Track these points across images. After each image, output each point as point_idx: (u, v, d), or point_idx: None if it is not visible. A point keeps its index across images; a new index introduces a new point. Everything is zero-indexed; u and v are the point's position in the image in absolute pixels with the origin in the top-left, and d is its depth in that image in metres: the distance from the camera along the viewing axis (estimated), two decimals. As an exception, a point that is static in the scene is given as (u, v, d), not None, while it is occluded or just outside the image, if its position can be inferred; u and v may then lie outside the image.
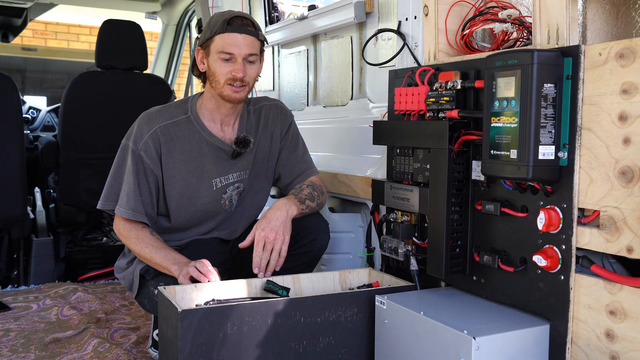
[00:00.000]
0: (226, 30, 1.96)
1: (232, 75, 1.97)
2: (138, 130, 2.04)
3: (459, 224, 1.72)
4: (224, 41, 1.96)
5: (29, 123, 4.57)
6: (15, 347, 2.32)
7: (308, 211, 2.10)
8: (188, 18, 4.78)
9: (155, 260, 1.97)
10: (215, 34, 1.97)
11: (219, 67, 1.98)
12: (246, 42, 1.97)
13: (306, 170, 2.25)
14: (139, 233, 2.03)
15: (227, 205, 2.15)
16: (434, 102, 1.75)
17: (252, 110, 2.19)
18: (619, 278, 1.34)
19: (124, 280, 2.18)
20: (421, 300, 1.71)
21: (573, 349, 1.44)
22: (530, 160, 1.41)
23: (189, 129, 2.06)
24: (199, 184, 2.08)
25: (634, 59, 1.28)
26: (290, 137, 2.24)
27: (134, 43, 3.61)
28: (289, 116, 2.27)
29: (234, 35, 1.96)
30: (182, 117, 2.07)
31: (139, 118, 2.09)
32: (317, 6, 2.96)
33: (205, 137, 2.07)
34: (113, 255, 3.59)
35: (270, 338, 1.66)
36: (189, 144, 2.06)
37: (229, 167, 2.11)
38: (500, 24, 1.73)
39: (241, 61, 1.97)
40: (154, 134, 2.02)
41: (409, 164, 1.91)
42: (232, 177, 2.13)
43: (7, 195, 3.07)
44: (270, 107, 2.22)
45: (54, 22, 8.23)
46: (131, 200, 2.02)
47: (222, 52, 1.96)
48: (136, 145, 2.02)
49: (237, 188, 2.15)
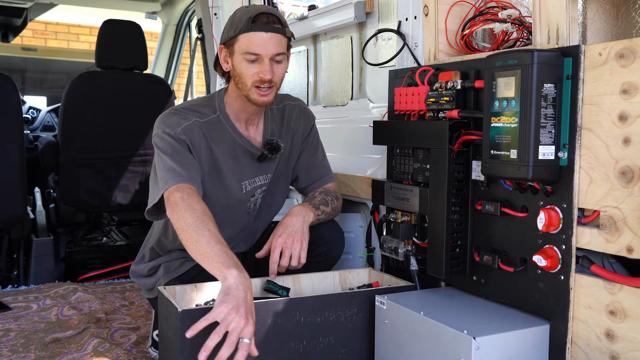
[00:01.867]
0: (251, 29, 1.81)
1: (260, 77, 1.84)
2: (172, 120, 1.88)
3: (459, 224, 1.72)
4: (249, 41, 1.82)
5: (29, 123, 4.57)
6: (15, 347, 2.31)
7: (324, 217, 2.03)
8: (188, 18, 4.78)
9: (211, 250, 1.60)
10: (240, 32, 1.83)
11: (245, 68, 1.85)
12: (273, 41, 1.83)
13: (324, 175, 2.18)
14: (206, 210, 1.72)
15: (251, 208, 2.07)
16: (434, 102, 1.75)
17: (275, 109, 2.10)
18: (619, 278, 1.34)
19: (144, 286, 2.13)
20: (421, 300, 1.71)
21: (573, 349, 1.44)
22: (530, 160, 1.41)
23: (221, 129, 1.96)
24: (232, 185, 1.99)
25: (634, 59, 1.28)
26: (311, 140, 2.17)
27: (134, 43, 3.61)
28: (312, 118, 2.18)
29: (259, 34, 1.82)
30: (212, 116, 1.96)
31: (167, 112, 1.93)
32: (317, 6, 2.96)
33: (236, 137, 1.97)
34: (113, 255, 3.61)
35: (270, 338, 1.66)
36: (221, 145, 1.95)
37: (256, 170, 2.03)
38: (500, 24, 1.73)
39: (268, 62, 1.84)
40: (193, 126, 1.89)
41: (409, 164, 1.91)
42: (258, 179, 2.05)
43: (7, 195, 3.07)
44: (294, 108, 2.14)
45: (54, 22, 8.23)
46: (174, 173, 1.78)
47: (247, 52, 1.83)
48: (174, 130, 1.86)
49: (263, 192, 2.08)
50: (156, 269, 2.09)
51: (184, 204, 1.71)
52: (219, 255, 1.60)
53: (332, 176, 2.21)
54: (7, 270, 3.40)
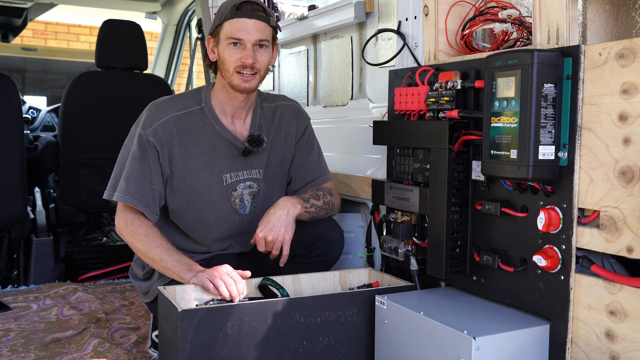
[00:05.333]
0: (235, 15, 1.88)
1: (242, 62, 1.89)
2: (148, 117, 1.96)
3: (459, 224, 1.72)
4: (232, 27, 1.88)
5: (29, 123, 4.57)
6: (15, 347, 2.31)
7: (314, 210, 2.02)
8: (188, 18, 4.78)
9: (166, 264, 1.84)
10: (224, 20, 1.90)
11: (228, 54, 1.90)
12: (256, 27, 1.89)
13: (318, 177, 2.16)
14: (149, 231, 1.90)
15: (237, 204, 2.05)
16: (434, 102, 1.75)
17: (266, 108, 2.10)
18: (619, 278, 1.34)
19: (140, 289, 2.13)
20: (421, 300, 1.71)
21: (573, 349, 1.44)
22: (530, 160, 1.41)
23: (202, 121, 1.99)
24: (210, 178, 2.00)
25: (634, 59, 1.28)
26: (305, 141, 2.16)
27: (134, 43, 3.61)
28: (306, 119, 2.18)
29: (243, 20, 1.88)
30: (195, 107, 1.99)
31: (149, 106, 2.01)
32: (317, 6, 2.96)
33: (219, 130, 1.99)
34: (113, 255, 3.60)
35: (270, 338, 1.66)
36: (201, 136, 1.98)
37: (240, 164, 2.04)
38: (500, 24, 1.73)
39: (251, 47, 1.89)
40: (166, 122, 1.94)
41: (409, 164, 1.91)
42: (242, 174, 2.04)
43: (7, 195, 3.07)
44: (286, 108, 2.14)
45: (54, 22, 8.23)
46: (131, 184, 1.90)
47: (230, 37, 1.89)
48: (145, 130, 1.93)
49: (249, 187, 2.06)
50: (151, 273, 2.08)
51: (128, 232, 1.93)
52: (173, 266, 1.84)
53: (329, 177, 2.20)
54: (7, 270, 3.40)
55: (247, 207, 2.08)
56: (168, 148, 1.95)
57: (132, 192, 1.91)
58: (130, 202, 1.91)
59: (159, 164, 1.95)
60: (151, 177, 1.93)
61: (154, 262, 1.88)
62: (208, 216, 2.02)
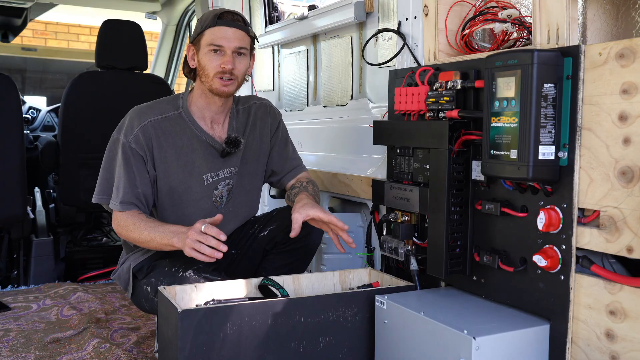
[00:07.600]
0: (216, 24, 1.98)
1: (222, 68, 1.98)
2: (129, 124, 2.04)
3: (459, 224, 1.72)
4: (214, 34, 1.98)
5: (29, 123, 4.58)
6: (15, 347, 2.32)
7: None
8: (188, 18, 4.79)
9: (156, 240, 1.93)
10: (206, 28, 1.99)
11: (208, 60, 1.99)
12: (236, 35, 1.99)
13: (297, 166, 2.30)
14: (134, 219, 2.00)
15: (218, 202, 2.15)
16: (434, 102, 1.75)
17: (241, 110, 2.21)
18: (619, 278, 1.34)
19: (119, 280, 2.18)
20: (421, 300, 1.71)
21: (573, 349, 1.44)
22: (530, 160, 1.41)
23: (180, 125, 2.07)
24: (190, 179, 2.08)
25: (634, 59, 1.28)
26: (280, 135, 2.28)
27: (134, 43, 3.61)
28: (278, 114, 2.30)
29: (224, 28, 1.98)
30: (173, 112, 2.08)
31: (130, 112, 2.10)
32: (317, 6, 2.96)
33: (197, 132, 2.08)
34: (113, 255, 3.58)
35: (270, 338, 1.66)
36: (180, 139, 2.06)
37: (220, 164, 2.13)
38: (500, 24, 1.73)
39: (230, 54, 1.99)
40: (145, 127, 2.02)
41: (409, 164, 1.91)
42: (222, 172, 2.14)
43: (7, 196, 3.07)
44: (259, 106, 2.25)
45: (54, 22, 8.24)
46: (120, 192, 2.00)
47: (211, 44, 1.98)
48: (127, 138, 2.02)
49: (227, 185, 2.16)
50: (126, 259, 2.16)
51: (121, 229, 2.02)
52: (162, 239, 1.91)
53: (304, 167, 2.34)
54: (7, 270, 3.40)
55: (224, 202, 2.18)
56: (150, 152, 2.03)
57: (121, 197, 2.01)
58: (121, 209, 2.02)
59: (146, 169, 2.04)
60: (136, 181, 2.02)
61: (148, 243, 1.96)
62: (192, 215, 2.09)
